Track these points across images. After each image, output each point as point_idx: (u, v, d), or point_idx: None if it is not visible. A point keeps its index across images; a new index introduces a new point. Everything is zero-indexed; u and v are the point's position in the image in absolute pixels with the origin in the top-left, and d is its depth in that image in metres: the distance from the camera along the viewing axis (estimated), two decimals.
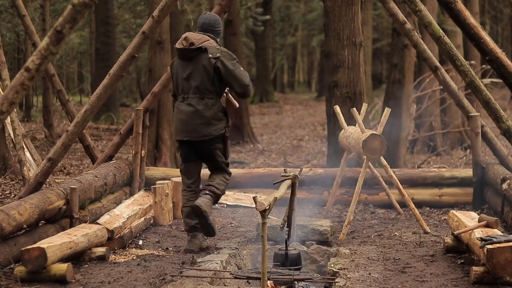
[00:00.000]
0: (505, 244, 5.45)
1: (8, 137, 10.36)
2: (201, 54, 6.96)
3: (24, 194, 7.50)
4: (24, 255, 5.64)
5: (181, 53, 7.05)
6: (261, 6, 29.64)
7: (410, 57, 12.49)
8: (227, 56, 7.00)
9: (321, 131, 20.73)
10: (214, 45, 7.02)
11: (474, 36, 6.67)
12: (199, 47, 6.94)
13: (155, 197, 8.25)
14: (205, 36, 7.07)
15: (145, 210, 8.06)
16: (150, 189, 8.48)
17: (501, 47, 6.82)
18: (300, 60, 50.35)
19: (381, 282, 5.69)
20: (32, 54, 5.83)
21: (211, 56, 6.92)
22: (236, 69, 6.98)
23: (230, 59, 6.99)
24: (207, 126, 6.97)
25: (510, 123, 7.38)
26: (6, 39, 20.69)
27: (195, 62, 6.99)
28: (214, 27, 7.17)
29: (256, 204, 5.03)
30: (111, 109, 21.09)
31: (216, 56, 6.93)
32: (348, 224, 7.78)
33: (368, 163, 8.08)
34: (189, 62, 7.02)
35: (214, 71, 6.94)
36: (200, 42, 6.97)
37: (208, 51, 6.94)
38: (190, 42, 6.97)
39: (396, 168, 10.34)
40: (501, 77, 6.82)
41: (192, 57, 6.99)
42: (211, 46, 6.98)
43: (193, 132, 7.00)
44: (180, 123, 7.06)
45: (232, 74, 6.95)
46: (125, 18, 26.66)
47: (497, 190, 8.34)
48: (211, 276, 5.79)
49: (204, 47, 6.95)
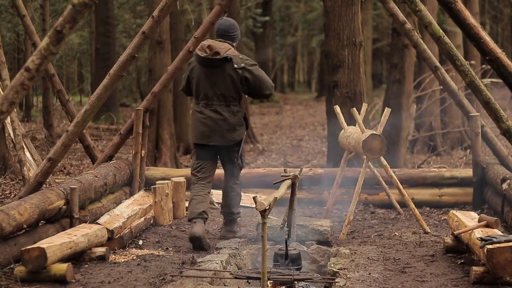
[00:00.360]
0: (505, 244, 5.45)
1: (8, 137, 10.36)
2: (226, 64, 7.28)
3: (24, 194, 7.50)
4: (24, 255, 5.64)
5: (204, 62, 7.32)
6: (261, 6, 29.64)
7: (410, 57, 12.49)
8: (249, 63, 7.35)
9: (321, 131, 20.73)
10: (236, 53, 7.35)
11: (474, 36, 6.66)
12: (224, 57, 7.25)
13: (155, 197, 8.25)
14: (226, 43, 7.37)
15: (145, 210, 8.06)
16: (150, 189, 8.48)
17: (501, 47, 6.82)
18: (300, 60, 50.36)
19: (381, 282, 5.69)
20: (32, 54, 5.82)
21: (237, 66, 7.27)
22: (260, 73, 7.36)
23: (253, 66, 7.36)
24: (232, 132, 7.37)
25: (510, 123, 7.37)
26: (6, 39, 20.70)
27: (220, 70, 7.31)
28: (229, 32, 7.47)
29: (256, 204, 5.03)
30: (111, 109, 21.10)
31: (241, 67, 7.28)
32: (348, 224, 7.78)
33: (368, 163, 8.08)
34: (212, 70, 7.33)
35: (241, 81, 7.32)
36: (224, 51, 7.27)
37: (233, 61, 7.27)
38: (215, 51, 7.26)
39: (396, 168, 10.33)
40: (501, 77, 6.82)
41: (216, 66, 7.30)
42: (235, 56, 7.31)
43: (220, 138, 7.37)
44: (206, 128, 7.39)
45: (260, 80, 7.34)
46: (125, 18, 26.65)
47: (497, 190, 8.34)
48: (211, 276, 5.79)
49: (230, 57, 7.26)
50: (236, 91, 7.36)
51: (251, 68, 7.32)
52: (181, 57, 9.14)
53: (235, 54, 7.31)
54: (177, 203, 8.67)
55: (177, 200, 8.67)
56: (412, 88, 13.47)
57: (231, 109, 7.37)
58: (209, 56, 7.26)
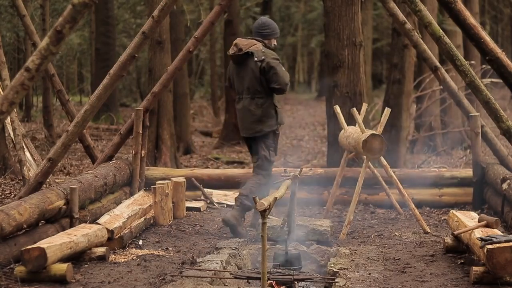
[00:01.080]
0: (505, 244, 5.44)
1: (8, 137, 10.35)
2: (249, 58, 7.77)
3: (24, 194, 7.50)
4: (24, 255, 5.64)
5: (232, 59, 7.91)
6: (261, 6, 29.61)
7: (410, 57, 12.49)
8: (270, 56, 7.75)
9: (321, 131, 20.72)
10: (260, 48, 7.78)
11: (474, 36, 6.67)
12: (246, 52, 7.74)
13: (155, 197, 8.25)
14: (253, 40, 7.86)
15: (145, 210, 8.06)
16: (150, 189, 8.48)
17: (501, 47, 6.82)
18: (300, 60, 50.29)
19: (381, 282, 5.69)
20: (32, 54, 5.82)
21: (257, 59, 7.72)
22: (277, 66, 7.73)
23: (274, 59, 7.76)
24: (258, 123, 7.81)
25: (510, 123, 7.38)
26: (6, 39, 20.70)
27: (244, 65, 7.81)
28: (260, 30, 7.94)
29: (256, 204, 5.03)
30: (111, 109, 21.10)
31: (261, 59, 7.71)
32: (348, 224, 7.78)
33: (368, 163, 8.07)
34: (240, 66, 7.85)
35: (260, 72, 7.72)
36: (247, 47, 7.76)
37: (255, 55, 7.72)
38: (239, 47, 7.79)
39: (396, 168, 10.33)
40: (501, 77, 6.82)
41: (241, 61, 7.81)
42: (257, 50, 7.75)
43: (248, 130, 7.89)
44: (239, 120, 7.99)
45: (274, 71, 7.69)
46: (125, 18, 26.65)
47: (497, 190, 8.34)
48: (211, 276, 5.79)
49: (251, 51, 7.74)
50: (260, 84, 7.75)
51: (270, 60, 7.70)
52: (181, 57, 9.14)
53: (258, 49, 7.75)
54: (177, 203, 8.66)
55: (177, 200, 8.67)
56: (412, 88, 13.47)
57: (255, 102, 7.78)
58: (236, 53, 7.77)
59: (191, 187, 9.36)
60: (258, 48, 7.76)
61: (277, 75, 7.68)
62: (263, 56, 7.70)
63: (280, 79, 7.69)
